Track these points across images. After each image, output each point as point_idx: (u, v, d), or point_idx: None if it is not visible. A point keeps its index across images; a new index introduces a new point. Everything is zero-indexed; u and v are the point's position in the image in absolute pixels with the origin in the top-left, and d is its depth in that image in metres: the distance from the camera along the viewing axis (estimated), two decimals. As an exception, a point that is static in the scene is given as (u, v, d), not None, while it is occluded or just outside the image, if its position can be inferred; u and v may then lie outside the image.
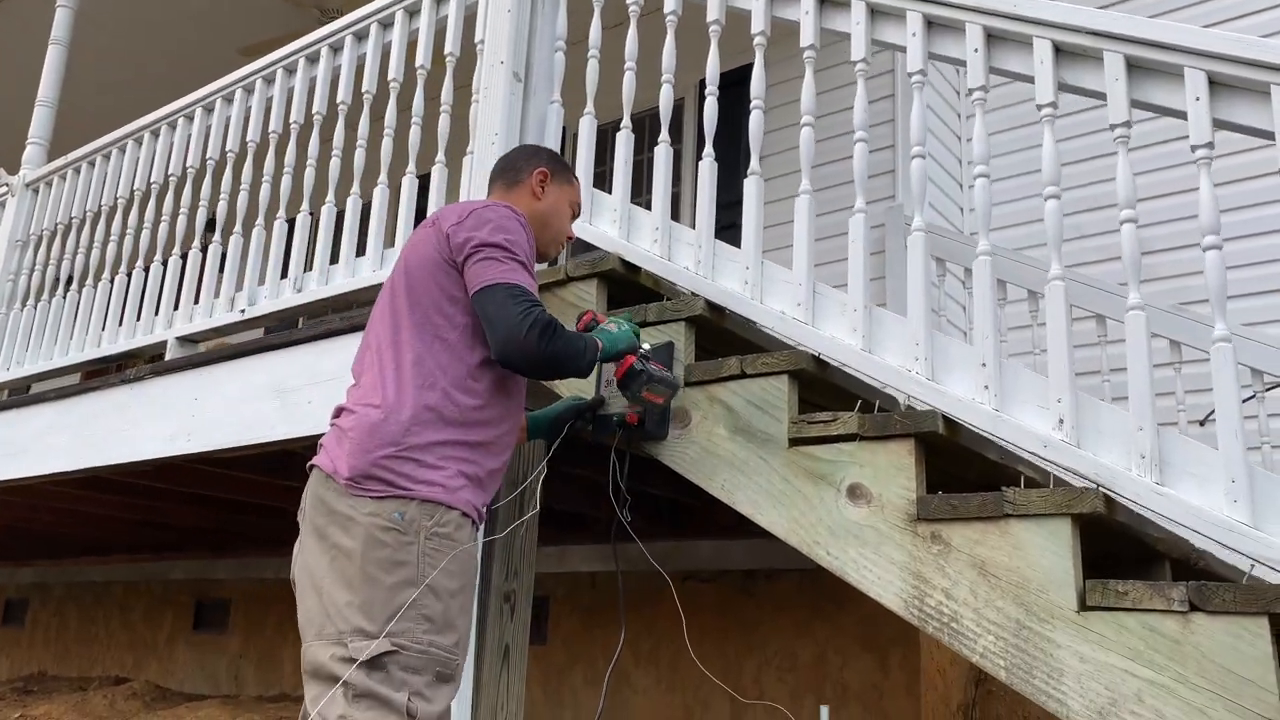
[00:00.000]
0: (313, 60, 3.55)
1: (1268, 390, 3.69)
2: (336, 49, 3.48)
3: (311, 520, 1.91)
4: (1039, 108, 2.08)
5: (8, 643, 7.81)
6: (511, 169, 2.29)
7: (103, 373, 4.01)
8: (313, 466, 1.97)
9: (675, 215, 2.84)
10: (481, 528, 2.00)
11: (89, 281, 4.12)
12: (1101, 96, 2.03)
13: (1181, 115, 1.95)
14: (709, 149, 2.57)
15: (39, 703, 5.63)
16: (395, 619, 1.76)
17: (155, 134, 4.09)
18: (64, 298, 4.21)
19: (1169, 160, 4.56)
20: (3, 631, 7.93)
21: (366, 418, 1.90)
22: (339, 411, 2.00)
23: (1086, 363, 4.31)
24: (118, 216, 4.11)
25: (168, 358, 3.58)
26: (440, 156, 3.04)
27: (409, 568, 1.80)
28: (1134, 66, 2.00)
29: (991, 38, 2.18)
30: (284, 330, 3.34)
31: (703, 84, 2.63)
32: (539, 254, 2.27)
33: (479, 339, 1.99)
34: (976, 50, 2.19)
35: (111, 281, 4.01)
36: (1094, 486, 1.82)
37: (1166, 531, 2.13)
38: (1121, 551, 2.21)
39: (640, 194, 2.79)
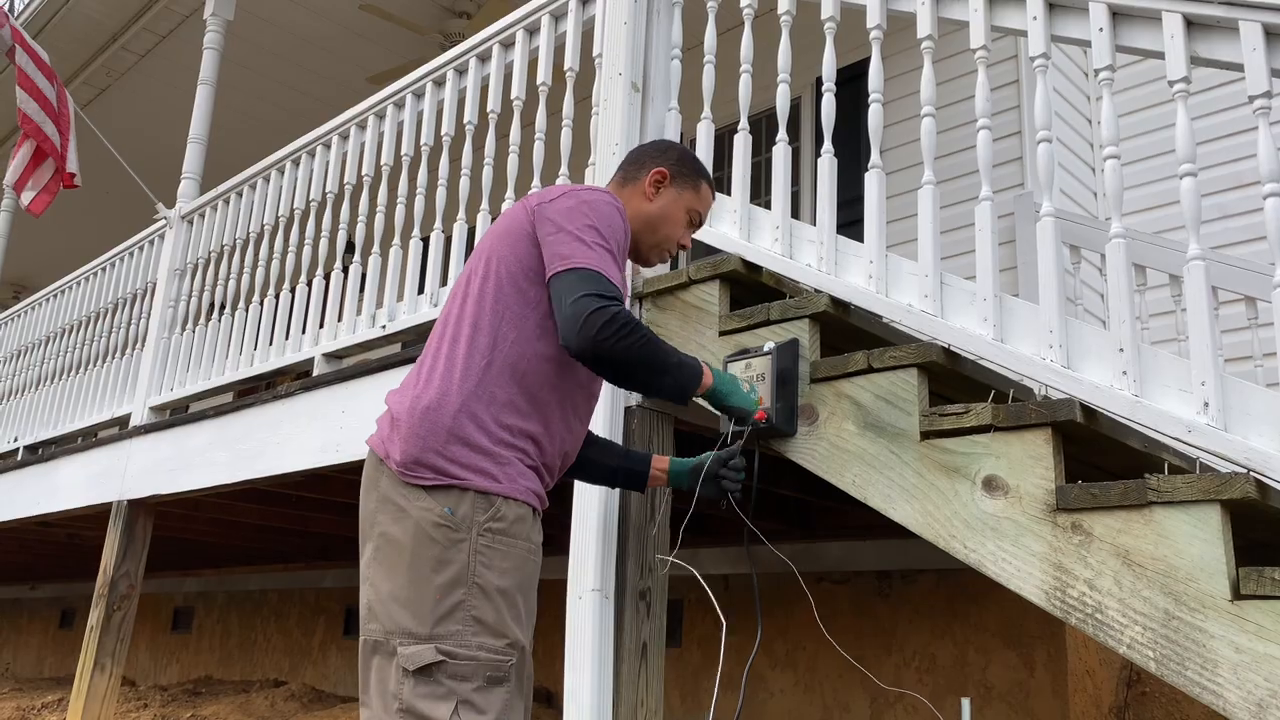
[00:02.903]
0: (439, 84, 3.70)
1: None
2: (461, 71, 3.61)
3: (363, 503, 1.84)
4: (1171, 84, 2.02)
5: (177, 648, 8.32)
6: (634, 163, 2.18)
7: (253, 391, 4.26)
8: (369, 446, 1.89)
9: (795, 214, 2.84)
10: (540, 516, 1.89)
11: (240, 305, 4.38)
12: (1238, 68, 1.96)
13: (1328, 81, 1.87)
14: (828, 145, 2.57)
15: (207, 703, 5.98)
16: (443, 622, 1.68)
17: (296, 163, 4.32)
18: (218, 321, 4.48)
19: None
20: (172, 637, 8.45)
21: (419, 401, 1.80)
22: (396, 391, 1.90)
23: (1237, 348, 4.12)
24: (264, 242, 4.36)
25: (315, 374, 3.78)
26: (564, 170, 3.12)
27: (458, 567, 1.71)
28: (1272, 34, 1.92)
29: (1117, 15, 2.13)
30: (421, 344, 3.49)
31: (819, 82, 2.64)
32: (639, 258, 2.18)
33: (545, 319, 1.88)
34: (1101, 29, 2.13)
35: (261, 304, 4.25)
36: (1244, 471, 1.75)
37: (1328, 519, 2.04)
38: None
39: (759, 195, 2.81)
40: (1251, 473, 1.76)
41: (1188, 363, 1.91)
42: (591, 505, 2.61)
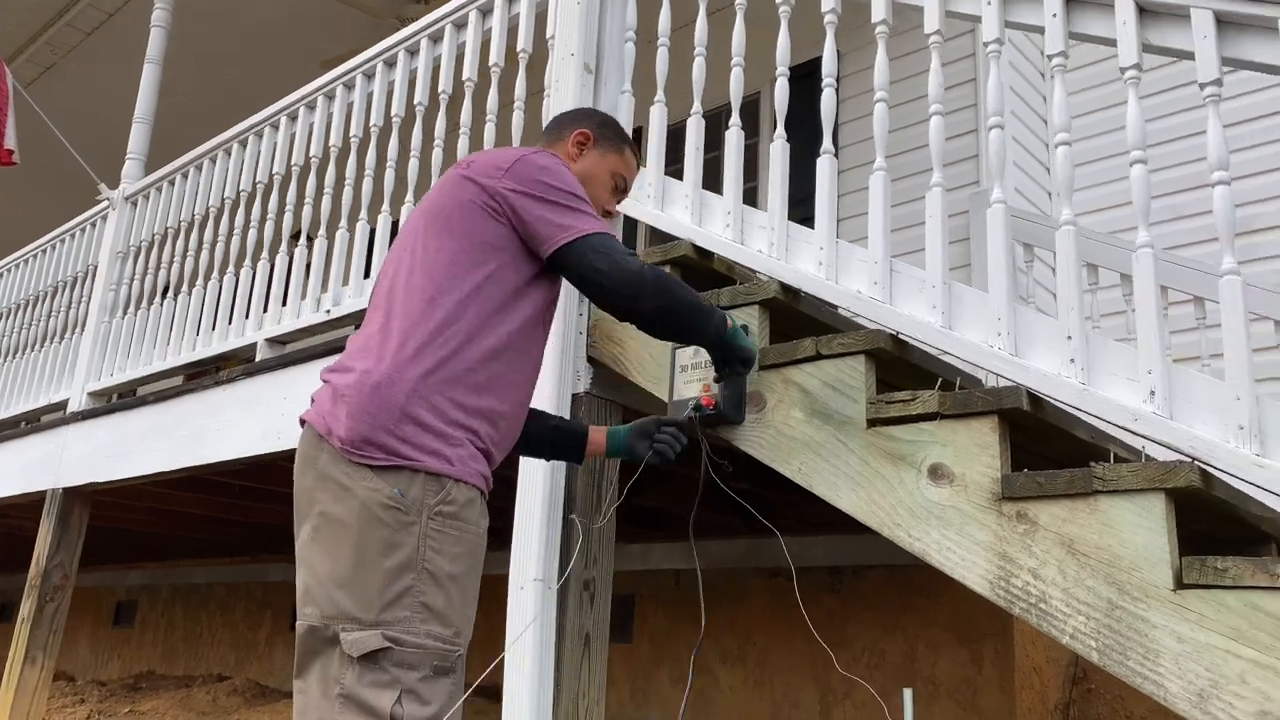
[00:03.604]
0: (390, 64, 3.62)
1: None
2: (413, 52, 3.54)
3: (298, 481, 1.75)
4: (1122, 70, 2.00)
5: (119, 643, 8.13)
6: (556, 127, 2.14)
7: (204, 375, 4.15)
8: (304, 422, 1.79)
9: (752, 207, 2.79)
10: (486, 501, 1.81)
11: (184, 288, 4.26)
12: (1190, 56, 1.95)
13: (1278, 71, 1.86)
14: (780, 130, 2.54)
15: (147, 699, 5.84)
16: (390, 607, 1.60)
17: (243, 144, 4.22)
18: (160, 305, 4.36)
19: (1273, 135, 4.37)
20: (114, 632, 8.27)
21: (369, 376, 1.70)
22: (336, 366, 1.80)
23: (1185, 348, 4.15)
24: (210, 225, 4.25)
25: (258, 359, 3.68)
26: (514, 152, 3.06)
27: (407, 550, 1.63)
28: (1223, 22, 1.91)
29: (1070, 1, 2.11)
30: (367, 329, 3.40)
31: (779, 71, 2.59)
32: None
33: (509, 295, 1.82)
34: (1055, 15, 2.11)
35: (204, 287, 4.15)
36: (1189, 460, 1.74)
37: (1271, 510, 2.03)
38: (1225, 533, 2.11)
39: (715, 187, 2.77)
40: (1196, 461, 1.74)
41: (1135, 351, 1.90)
42: (536, 493, 2.56)
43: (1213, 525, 2.03)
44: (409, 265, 1.82)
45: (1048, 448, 2.17)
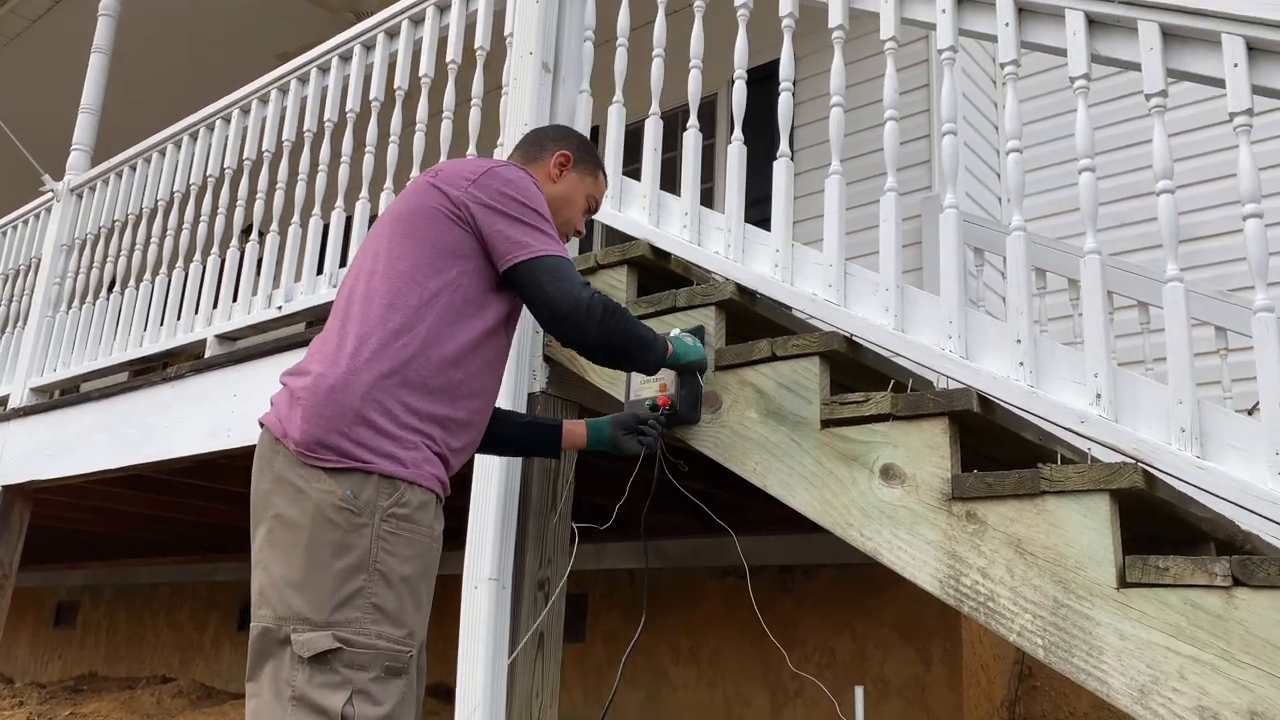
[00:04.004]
0: (345, 59, 3.58)
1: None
2: (369, 47, 3.51)
3: (255, 483, 1.75)
4: (1072, 80, 2.04)
5: (60, 644, 7.96)
6: (535, 144, 2.16)
7: (150, 371, 4.07)
8: (263, 425, 1.80)
9: (710, 208, 2.81)
10: (442, 504, 1.83)
11: (131, 283, 4.19)
12: (1136, 67, 1.99)
13: (1220, 83, 1.91)
14: (738, 133, 2.55)
15: (89, 701, 5.72)
16: (341, 608, 1.61)
17: (194, 137, 4.16)
18: (108, 299, 4.28)
19: (1214, 145, 4.48)
20: (55, 633, 8.09)
21: (323, 380, 1.71)
22: (294, 370, 1.81)
23: (1129, 352, 4.24)
24: (158, 218, 4.18)
25: (207, 355, 3.63)
26: (471, 150, 3.05)
27: (358, 552, 1.63)
28: (1169, 35, 1.96)
29: (1023, 11, 2.15)
30: (320, 326, 3.37)
31: (737, 76, 2.61)
32: None
33: (469, 303, 1.83)
34: (1007, 24, 2.15)
35: (153, 282, 4.07)
36: (1133, 462, 1.78)
37: (1211, 511, 2.09)
38: (1166, 533, 2.17)
39: (674, 188, 2.78)
40: (1140, 463, 1.79)
41: (1082, 355, 1.94)
42: (490, 492, 2.55)
43: (1155, 525, 2.08)
44: (370, 270, 1.84)
45: (997, 449, 2.20)
